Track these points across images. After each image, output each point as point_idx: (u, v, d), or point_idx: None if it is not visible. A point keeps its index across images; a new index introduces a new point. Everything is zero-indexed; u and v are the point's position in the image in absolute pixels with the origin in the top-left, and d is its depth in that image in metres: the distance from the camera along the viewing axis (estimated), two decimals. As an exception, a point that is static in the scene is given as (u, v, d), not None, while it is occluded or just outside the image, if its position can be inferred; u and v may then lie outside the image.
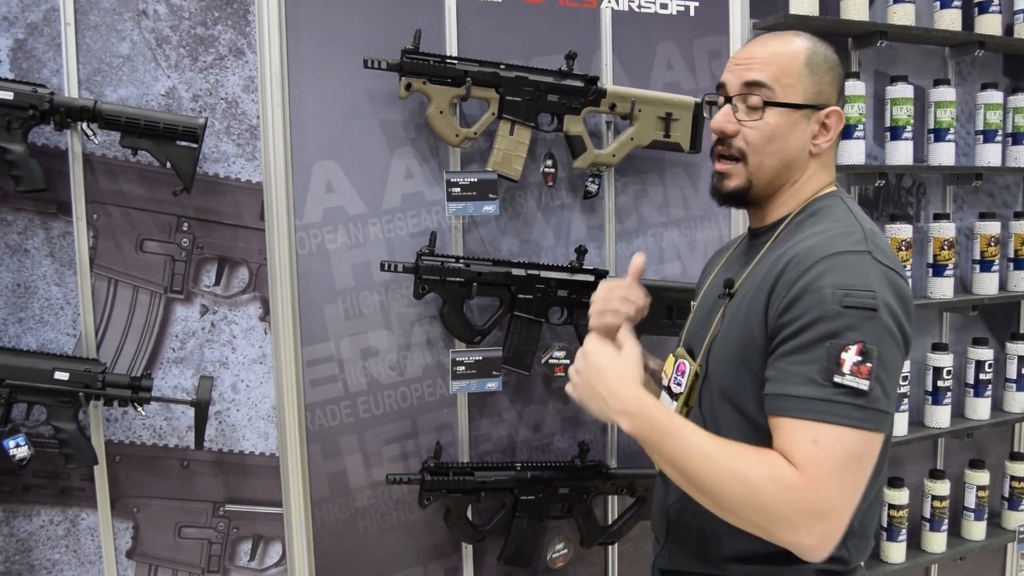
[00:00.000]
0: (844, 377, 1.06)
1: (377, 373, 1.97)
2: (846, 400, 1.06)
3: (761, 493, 1.06)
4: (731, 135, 1.24)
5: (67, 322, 1.77)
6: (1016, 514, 2.67)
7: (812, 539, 1.06)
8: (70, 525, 1.80)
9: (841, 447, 1.06)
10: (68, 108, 1.63)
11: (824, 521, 1.05)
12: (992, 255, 2.52)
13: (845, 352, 1.07)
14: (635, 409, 1.16)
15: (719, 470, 1.09)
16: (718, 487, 1.09)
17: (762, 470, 1.07)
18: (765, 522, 1.07)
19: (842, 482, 1.06)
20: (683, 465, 1.12)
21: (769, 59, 1.23)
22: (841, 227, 1.20)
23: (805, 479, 1.05)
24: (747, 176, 1.25)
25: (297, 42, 1.85)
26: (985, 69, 2.64)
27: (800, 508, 1.05)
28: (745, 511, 1.08)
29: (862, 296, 1.09)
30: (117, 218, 1.78)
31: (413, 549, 2.04)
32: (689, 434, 1.12)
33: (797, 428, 1.08)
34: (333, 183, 1.91)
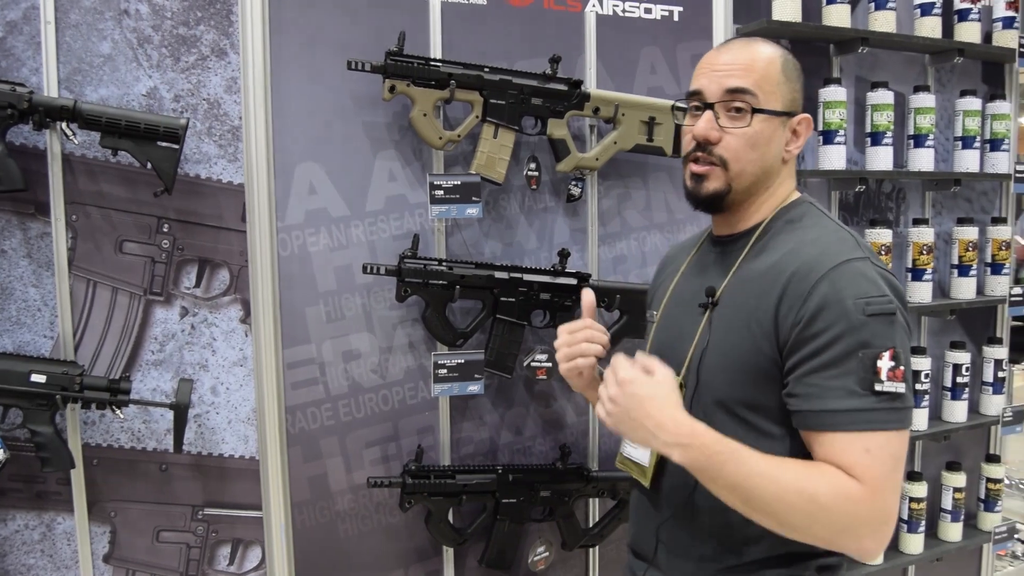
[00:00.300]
0: (883, 384, 1.10)
1: (359, 376, 1.97)
2: (887, 406, 1.10)
3: (828, 509, 1.08)
4: (715, 142, 1.23)
5: (44, 324, 1.75)
6: (992, 515, 2.70)
7: (875, 543, 1.10)
8: (46, 529, 1.77)
9: (889, 452, 1.10)
10: (48, 108, 1.61)
11: (886, 524, 1.11)
12: (970, 260, 2.54)
13: (880, 360, 1.10)
14: (688, 440, 1.13)
15: (784, 490, 1.10)
16: (785, 507, 1.10)
17: (827, 487, 1.09)
18: (832, 534, 1.10)
19: (895, 484, 1.11)
20: (746, 489, 1.11)
21: (750, 66, 1.23)
22: (833, 235, 1.22)
23: (867, 490, 1.08)
24: (727, 181, 1.24)
25: (280, 43, 1.84)
26: (964, 76, 2.67)
27: (866, 518, 1.09)
28: (814, 527, 1.10)
29: (881, 303, 1.12)
30: (96, 219, 1.76)
31: (394, 552, 2.03)
32: (747, 457, 1.12)
33: (848, 441, 1.10)
34: (316, 185, 1.90)
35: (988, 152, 2.60)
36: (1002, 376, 2.65)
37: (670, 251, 1.57)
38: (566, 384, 2.12)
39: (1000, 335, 2.70)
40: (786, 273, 1.16)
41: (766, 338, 1.17)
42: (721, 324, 1.24)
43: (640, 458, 1.35)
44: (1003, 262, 2.62)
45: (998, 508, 2.70)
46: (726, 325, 1.23)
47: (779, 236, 1.25)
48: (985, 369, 2.66)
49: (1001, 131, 2.59)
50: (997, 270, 2.62)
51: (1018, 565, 2.99)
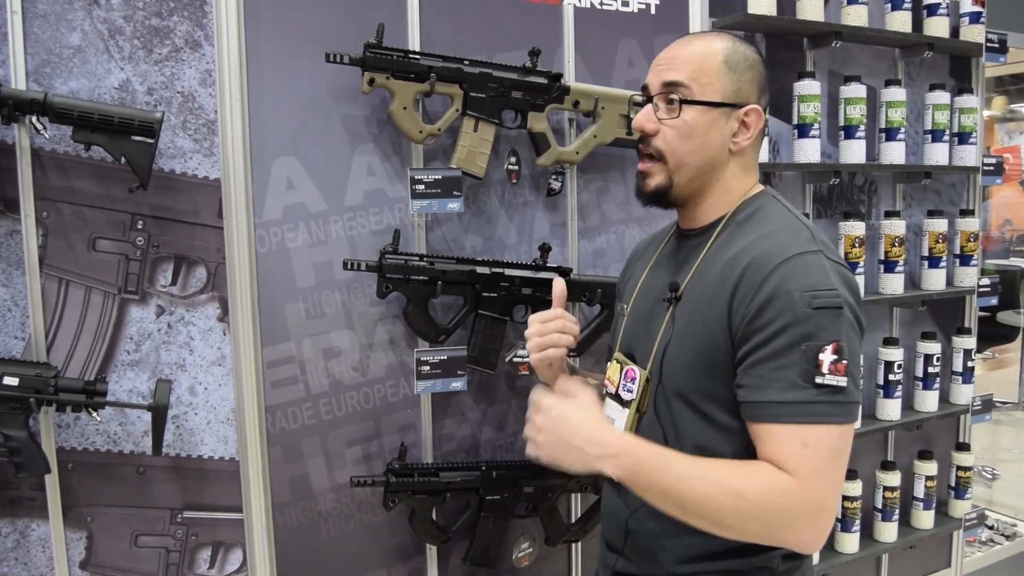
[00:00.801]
0: (824, 377, 1.10)
1: (339, 374, 1.94)
2: (827, 399, 1.10)
3: (760, 505, 1.10)
4: (651, 134, 1.27)
5: (15, 325, 1.69)
6: (962, 502, 2.76)
7: (812, 535, 1.11)
8: (19, 537, 1.72)
9: (827, 445, 1.10)
10: (17, 101, 1.56)
11: (821, 517, 1.11)
12: (940, 251, 2.58)
13: (822, 353, 1.11)
14: (618, 450, 1.17)
15: (715, 491, 1.11)
16: (717, 508, 1.11)
17: (758, 483, 1.10)
18: (767, 530, 1.11)
19: (832, 477, 1.11)
20: (677, 495, 1.13)
21: (688, 59, 1.26)
22: (788, 228, 1.23)
23: (799, 482, 1.09)
24: (667, 175, 1.27)
25: (256, 34, 1.80)
26: (932, 70, 2.71)
27: (799, 511, 1.09)
28: (747, 525, 1.11)
29: (828, 296, 1.12)
30: (68, 216, 1.71)
31: (377, 552, 2.01)
32: (677, 462, 1.15)
33: (785, 433, 1.11)
34: (294, 180, 1.86)
35: (956, 145, 2.64)
36: (971, 366, 2.70)
37: (640, 244, 1.59)
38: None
39: (969, 325, 2.75)
40: (740, 266, 1.18)
41: (721, 330, 1.18)
42: (683, 318, 1.26)
43: None
44: (971, 254, 2.67)
45: (968, 495, 2.76)
46: (687, 319, 1.25)
47: (740, 230, 1.27)
48: (955, 359, 2.71)
49: (969, 125, 2.63)
50: (966, 261, 2.67)
51: (986, 551, 3.05)
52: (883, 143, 2.50)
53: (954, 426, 2.84)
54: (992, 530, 3.20)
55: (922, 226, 2.62)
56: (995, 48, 2.69)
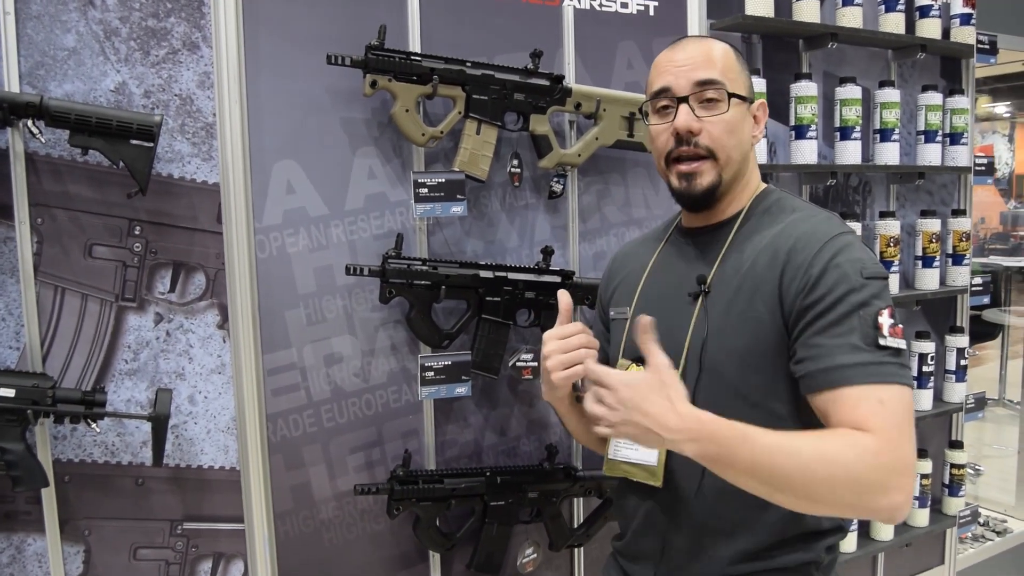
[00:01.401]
0: (886, 339, 1.11)
1: (341, 380, 1.91)
2: (893, 360, 1.12)
3: (851, 467, 1.06)
4: (697, 133, 1.25)
5: (9, 334, 1.65)
6: (956, 500, 2.78)
7: (902, 495, 1.07)
8: (15, 552, 1.68)
9: (902, 403, 1.10)
10: (12, 104, 1.51)
11: (907, 475, 1.08)
12: (934, 251, 2.61)
13: (880, 317, 1.12)
14: (697, 432, 1.09)
15: (803, 460, 1.07)
16: (807, 477, 1.07)
17: (843, 446, 1.07)
18: (860, 494, 1.07)
19: (910, 435, 1.10)
20: (764, 468, 1.08)
21: (712, 57, 1.27)
22: (818, 213, 1.28)
23: (885, 440, 1.06)
24: (718, 171, 1.27)
25: (255, 36, 1.76)
26: (924, 71, 2.73)
27: (889, 469, 1.06)
28: (838, 491, 1.07)
29: (875, 268, 1.17)
30: (63, 222, 1.67)
31: (379, 560, 1.98)
32: (759, 436, 1.09)
33: (861, 394, 1.10)
34: (294, 184, 1.83)
35: (948, 146, 2.66)
36: (964, 364, 2.72)
37: (624, 248, 1.58)
38: (549, 383, 2.11)
39: (961, 324, 2.78)
40: (784, 249, 1.20)
41: (771, 315, 1.19)
42: (718, 311, 1.25)
43: (643, 459, 1.33)
44: (963, 253, 2.69)
45: (962, 493, 2.78)
46: (724, 311, 1.24)
47: (764, 220, 1.29)
48: (948, 358, 2.73)
49: (960, 125, 2.66)
50: (958, 261, 2.69)
51: (978, 547, 3.08)
52: (877, 144, 2.51)
53: (946, 424, 2.86)
54: (983, 526, 3.23)
55: (916, 226, 2.64)
56: (986, 49, 2.71)
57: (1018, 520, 3.30)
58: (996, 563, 3.12)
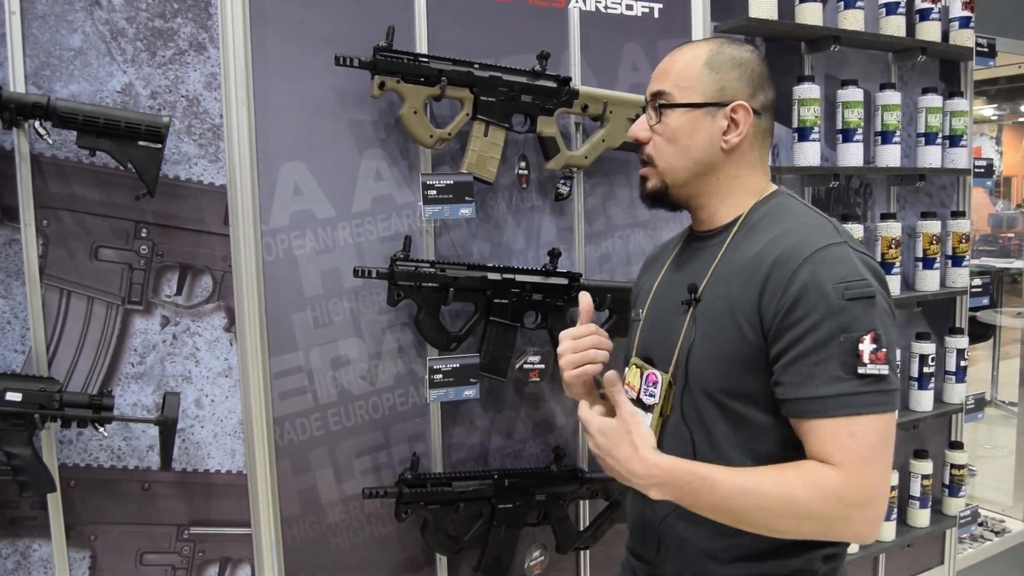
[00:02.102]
0: (866, 367, 1.09)
1: (348, 383, 1.90)
2: (871, 389, 1.10)
3: (811, 505, 1.10)
4: (644, 142, 1.31)
5: (15, 338, 1.63)
6: (956, 500, 2.79)
7: (866, 526, 1.11)
8: (20, 558, 1.66)
9: (875, 434, 1.10)
10: (19, 104, 1.50)
11: (872, 507, 1.11)
12: (934, 253, 2.62)
13: (861, 343, 1.10)
14: (659, 479, 1.17)
15: (764, 500, 1.12)
16: (770, 517, 1.13)
17: (805, 486, 1.11)
18: (822, 527, 1.12)
19: (880, 466, 1.11)
20: (727, 509, 1.15)
21: (668, 68, 1.31)
22: (811, 222, 1.23)
23: (850, 476, 1.09)
24: (660, 178, 1.31)
25: (262, 37, 1.75)
26: (924, 74, 2.74)
27: (851, 504, 1.10)
28: (803, 526, 1.13)
29: (859, 286, 1.12)
30: (69, 224, 1.65)
31: (386, 564, 1.97)
32: (721, 480, 1.14)
33: (833, 427, 1.11)
34: (301, 186, 1.82)
35: (947, 148, 2.68)
36: (964, 365, 2.73)
37: (654, 250, 1.58)
38: (555, 386, 2.11)
39: (961, 325, 2.79)
40: (767, 262, 1.17)
41: (751, 326, 1.18)
42: (705, 318, 1.25)
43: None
44: (963, 255, 2.70)
45: (962, 493, 2.79)
46: (710, 319, 1.24)
47: (757, 228, 1.26)
48: (948, 359, 2.74)
49: (959, 127, 2.67)
50: (958, 262, 2.70)
51: (976, 547, 3.09)
52: (879, 146, 2.52)
53: (945, 425, 2.87)
54: (982, 526, 3.24)
55: (916, 228, 2.65)
56: (985, 52, 2.73)
57: (1016, 520, 3.32)
58: (995, 563, 3.13)
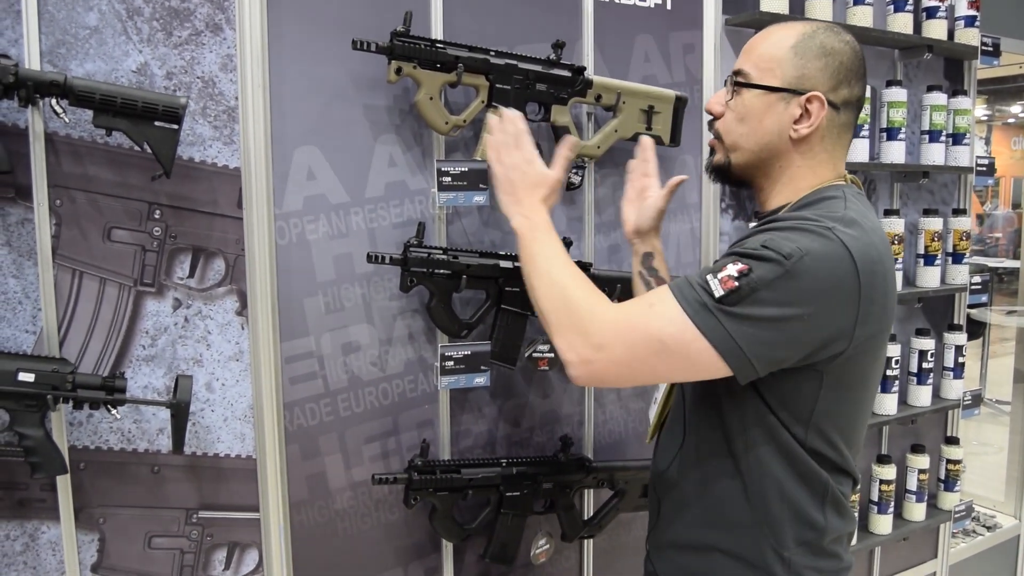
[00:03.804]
0: (712, 279, 1.15)
1: (358, 369, 1.89)
2: (697, 293, 1.15)
3: (568, 298, 1.25)
4: (716, 115, 1.36)
5: (26, 318, 1.61)
6: (951, 495, 2.82)
7: (571, 355, 1.22)
8: (28, 540, 1.64)
9: (661, 320, 1.16)
10: (36, 82, 1.47)
11: (590, 350, 1.19)
12: (935, 250, 2.64)
13: (728, 267, 1.14)
14: (531, 217, 1.40)
15: (558, 271, 1.30)
16: (545, 279, 1.30)
17: (584, 292, 1.26)
18: (555, 321, 1.26)
19: (633, 341, 1.18)
20: (536, 264, 1.33)
21: (756, 46, 1.32)
22: (823, 212, 1.21)
23: (611, 314, 1.21)
24: (725, 153, 1.35)
25: (279, 19, 1.74)
26: (928, 72, 2.76)
27: (581, 326, 1.21)
28: (547, 305, 1.28)
29: (782, 244, 1.12)
30: (82, 204, 1.63)
31: (393, 550, 1.97)
32: (558, 250, 1.35)
33: (654, 292, 1.23)
34: (315, 170, 1.81)
35: (951, 146, 2.69)
36: (962, 361, 2.76)
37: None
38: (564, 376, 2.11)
39: (960, 322, 2.82)
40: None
41: None
42: None
43: (651, 416, 1.54)
44: (963, 252, 2.72)
45: (957, 488, 2.83)
46: None
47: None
48: (946, 355, 2.77)
49: (963, 126, 2.69)
50: (958, 259, 2.73)
51: (969, 541, 3.13)
52: (884, 143, 2.54)
53: (942, 420, 2.90)
54: (975, 521, 3.28)
55: (918, 224, 2.67)
56: (989, 52, 2.75)
57: (1007, 516, 3.36)
58: (986, 557, 3.17)
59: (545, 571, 2.17)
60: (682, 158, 2.24)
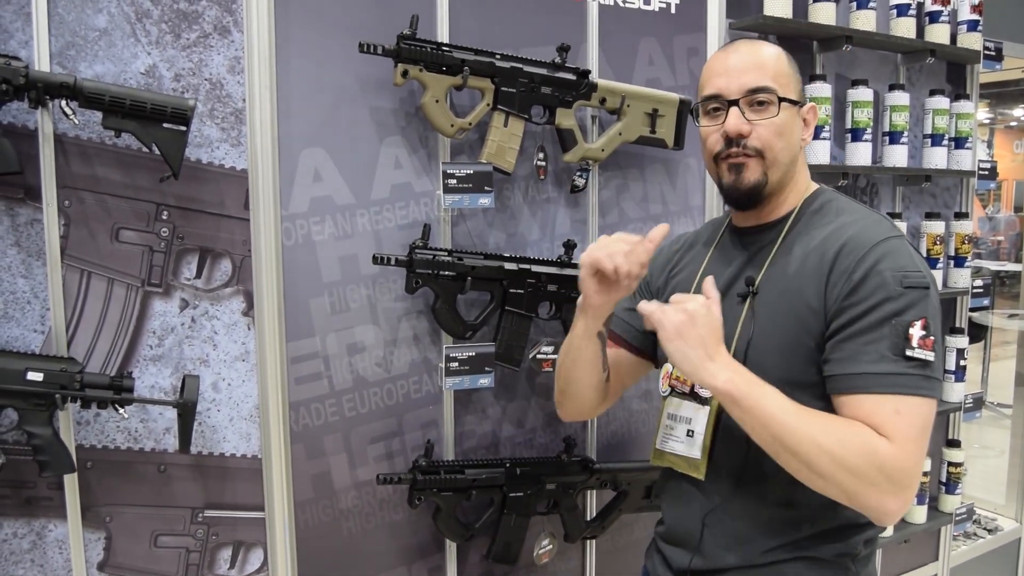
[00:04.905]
0: (914, 351, 1.14)
1: (363, 370, 1.90)
2: (917, 372, 1.14)
3: (856, 457, 1.12)
4: (747, 135, 1.28)
5: (35, 317, 1.62)
6: (952, 498, 2.83)
7: (896, 504, 1.12)
8: (36, 538, 1.65)
9: (919, 417, 1.14)
10: (46, 84, 1.49)
11: (906, 486, 1.13)
12: (937, 253, 2.65)
13: (912, 328, 1.14)
14: (735, 368, 1.19)
15: (817, 432, 1.13)
16: (814, 449, 1.13)
17: (855, 437, 1.13)
18: (856, 485, 1.12)
19: (921, 449, 1.14)
20: (780, 426, 1.14)
21: (764, 63, 1.31)
22: (868, 216, 1.28)
23: (896, 448, 1.12)
24: (763, 171, 1.30)
25: (286, 22, 1.75)
26: (931, 76, 2.77)
27: (890, 475, 1.11)
28: (838, 474, 1.12)
29: (916, 276, 1.17)
30: (91, 205, 1.64)
31: (397, 550, 1.98)
32: (780, 400, 1.17)
33: (878, 403, 1.14)
34: (321, 171, 1.82)
35: (953, 150, 2.70)
36: (964, 364, 2.77)
37: (680, 239, 1.57)
38: (568, 376, 2.12)
39: (961, 325, 2.82)
40: (832, 251, 1.22)
41: (815, 316, 1.22)
42: (765, 311, 1.28)
43: (687, 452, 1.36)
44: (965, 255, 2.73)
45: (958, 491, 2.83)
46: (771, 311, 1.28)
47: (814, 221, 1.31)
48: (948, 358, 2.77)
49: (965, 130, 2.70)
50: (960, 263, 2.74)
51: (970, 544, 3.14)
52: (886, 146, 2.55)
53: (943, 423, 2.91)
54: (975, 524, 3.29)
55: (920, 228, 2.68)
56: (992, 56, 2.76)
57: (1008, 519, 3.37)
58: (987, 560, 3.18)
59: (548, 572, 2.18)
60: (686, 161, 2.25)
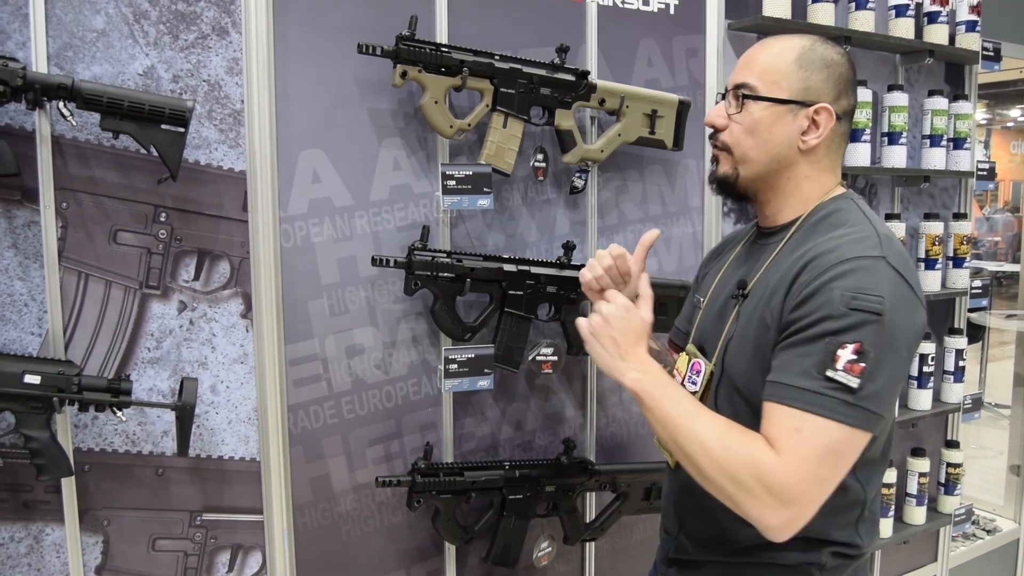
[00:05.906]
0: (836, 372, 1.10)
1: (362, 372, 1.90)
2: (834, 395, 1.10)
3: (737, 463, 1.12)
4: (719, 129, 1.32)
5: (32, 320, 1.61)
6: (951, 498, 2.83)
7: (776, 520, 1.11)
8: (33, 542, 1.65)
9: (821, 439, 1.10)
10: (44, 85, 1.48)
11: (791, 507, 1.09)
12: (936, 254, 2.64)
13: (842, 349, 1.10)
14: (644, 369, 1.25)
15: (706, 435, 1.15)
16: (700, 451, 1.15)
17: (744, 446, 1.13)
18: (735, 491, 1.12)
19: (816, 473, 1.10)
20: (675, 427, 1.19)
21: (756, 58, 1.30)
22: (858, 232, 1.22)
23: (781, 464, 1.10)
24: (732, 165, 1.32)
25: (285, 23, 1.74)
26: (929, 77, 2.77)
27: (770, 489, 1.09)
28: (719, 478, 1.13)
29: (869, 300, 1.11)
30: (89, 207, 1.64)
31: (395, 552, 1.97)
32: (687, 401, 1.21)
33: (784, 415, 1.12)
34: (320, 173, 1.82)
35: (952, 150, 2.70)
36: (962, 365, 2.77)
37: (726, 237, 1.61)
38: (566, 378, 2.13)
39: (960, 326, 2.82)
40: (800, 265, 1.20)
41: (774, 324, 1.20)
42: (746, 314, 1.28)
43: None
44: (964, 256, 2.73)
45: (957, 492, 2.83)
46: (749, 317, 1.27)
47: (812, 232, 1.27)
48: (946, 359, 2.77)
49: (963, 130, 2.70)
50: (958, 263, 2.74)
51: (969, 545, 3.14)
52: (885, 147, 2.55)
53: (942, 424, 2.91)
54: (974, 525, 3.29)
55: (919, 229, 2.68)
56: (990, 56, 2.76)
57: (1007, 519, 3.37)
58: (986, 560, 3.18)
59: (547, 574, 2.17)
60: (684, 162, 2.25)
